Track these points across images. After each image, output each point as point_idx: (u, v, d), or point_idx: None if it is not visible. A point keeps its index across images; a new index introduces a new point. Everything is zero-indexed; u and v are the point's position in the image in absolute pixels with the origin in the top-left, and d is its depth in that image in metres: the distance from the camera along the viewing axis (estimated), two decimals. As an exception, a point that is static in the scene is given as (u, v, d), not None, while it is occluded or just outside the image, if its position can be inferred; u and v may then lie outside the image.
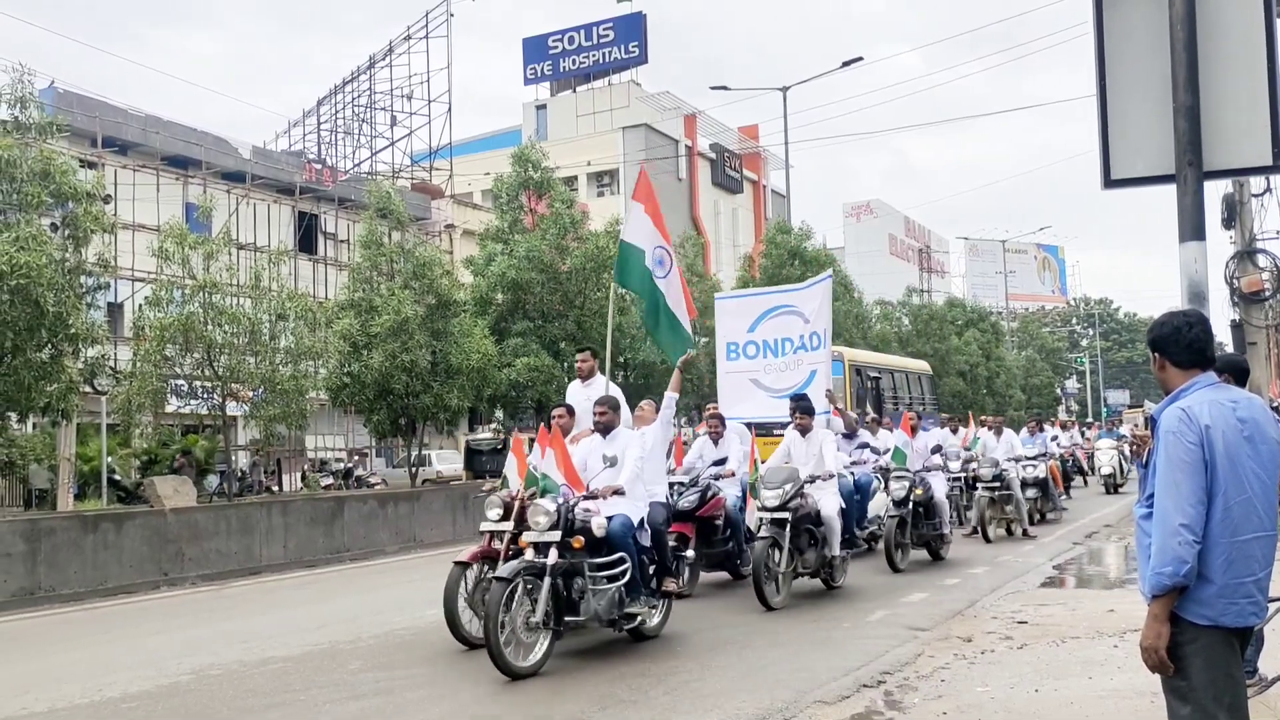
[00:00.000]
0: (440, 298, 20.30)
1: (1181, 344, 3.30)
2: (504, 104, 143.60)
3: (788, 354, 11.83)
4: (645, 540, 7.66)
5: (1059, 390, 65.86)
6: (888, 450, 12.11)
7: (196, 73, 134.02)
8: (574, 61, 52.09)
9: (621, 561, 7.21)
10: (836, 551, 9.76)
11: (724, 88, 36.39)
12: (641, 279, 9.73)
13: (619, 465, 7.47)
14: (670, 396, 8.82)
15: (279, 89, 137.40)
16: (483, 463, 27.40)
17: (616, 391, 8.71)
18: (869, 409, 18.87)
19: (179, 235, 16.66)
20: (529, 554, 6.96)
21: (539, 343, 22.80)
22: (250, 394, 17.50)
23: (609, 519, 7.28)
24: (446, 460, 32.06)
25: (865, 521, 11.81)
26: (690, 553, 8.91)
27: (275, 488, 28.60)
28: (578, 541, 7.01)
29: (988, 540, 14.10)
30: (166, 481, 15.47)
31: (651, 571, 7.80)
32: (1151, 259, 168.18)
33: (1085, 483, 25.58)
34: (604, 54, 51.48)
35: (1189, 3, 4.24)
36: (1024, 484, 15.58)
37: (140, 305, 17.62)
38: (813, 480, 9.51)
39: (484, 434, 31.46)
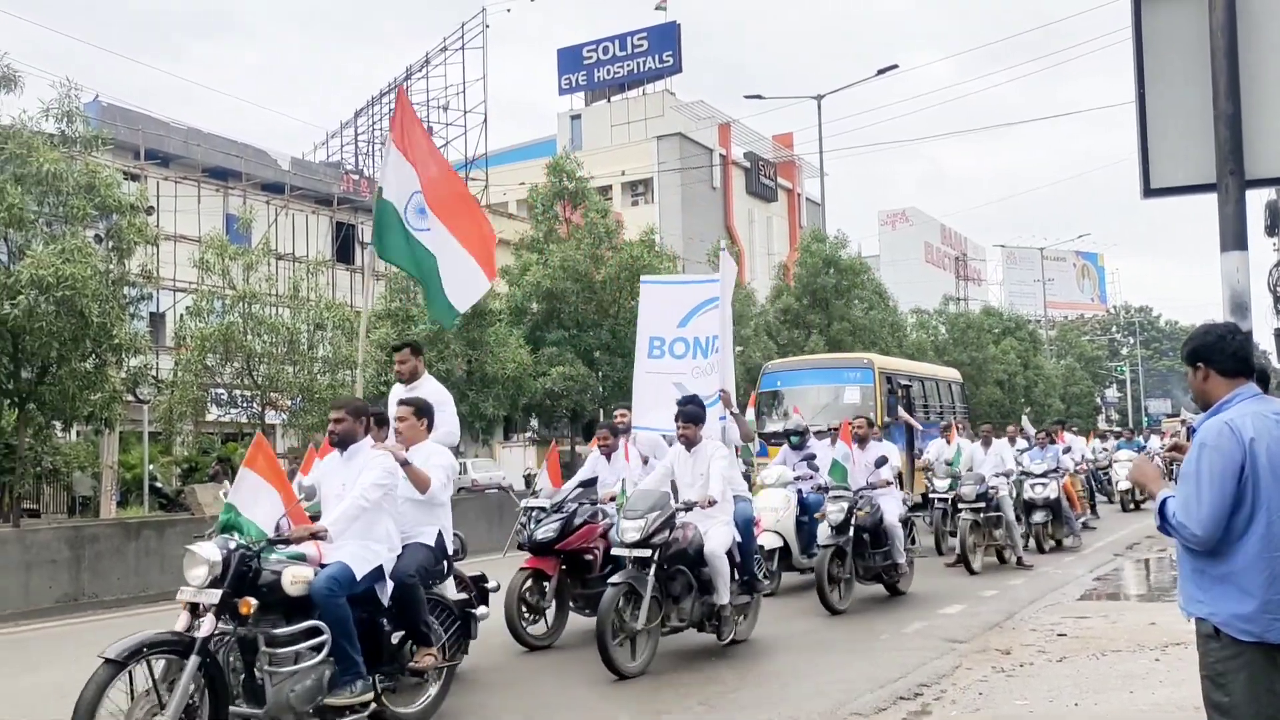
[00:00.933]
0: (475, 307, 20.38)
1: (1226, 352, 3.29)
2: (533, 112, 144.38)
3: (712, 354, 9.52)
4: (384, 598, 5.69)
5: (1099, 399, 65.07)
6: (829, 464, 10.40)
7: (232, 84, 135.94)
8: (608, 71, 52.23)
9: (316, 633, 5.20)
10: (725, 600, 7.56)
11: (758, 96, 36.28)
12: (399, 243, 8.11)
13: (319, 497, 5.57)
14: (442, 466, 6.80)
15: (311, 100, 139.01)
16: None
17: (443, 394, 7.13)
18: (902, 413, 18.81)
19: (219, 246, 16.98)
20: (181, 622, 5.14)
21: (574, 351, 22.91)
22: (289, 402, 17.71)
23: (320, 568, 5.37)
24: (482, 469, 32.22)
25: (815, 547, 10.35)
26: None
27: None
28: (245, 605, 5.03)
29: (972, 571, 12.05)
30: (207, 489, 15.72)
31: (397, 640, 5.81)
32: (1193, 267, 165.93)
33: (1108, 500, 23.00)
34: (638, 64, 51.60)
35: (1229, 9, 4.20)
36: (1032, 505, 13.84)
37: (181, 315, 17.90)
38: (689, 507, 7.39)
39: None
